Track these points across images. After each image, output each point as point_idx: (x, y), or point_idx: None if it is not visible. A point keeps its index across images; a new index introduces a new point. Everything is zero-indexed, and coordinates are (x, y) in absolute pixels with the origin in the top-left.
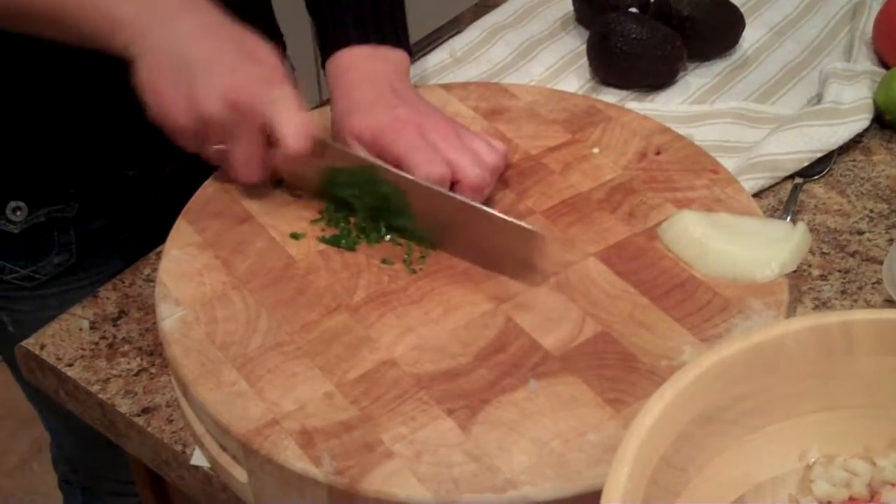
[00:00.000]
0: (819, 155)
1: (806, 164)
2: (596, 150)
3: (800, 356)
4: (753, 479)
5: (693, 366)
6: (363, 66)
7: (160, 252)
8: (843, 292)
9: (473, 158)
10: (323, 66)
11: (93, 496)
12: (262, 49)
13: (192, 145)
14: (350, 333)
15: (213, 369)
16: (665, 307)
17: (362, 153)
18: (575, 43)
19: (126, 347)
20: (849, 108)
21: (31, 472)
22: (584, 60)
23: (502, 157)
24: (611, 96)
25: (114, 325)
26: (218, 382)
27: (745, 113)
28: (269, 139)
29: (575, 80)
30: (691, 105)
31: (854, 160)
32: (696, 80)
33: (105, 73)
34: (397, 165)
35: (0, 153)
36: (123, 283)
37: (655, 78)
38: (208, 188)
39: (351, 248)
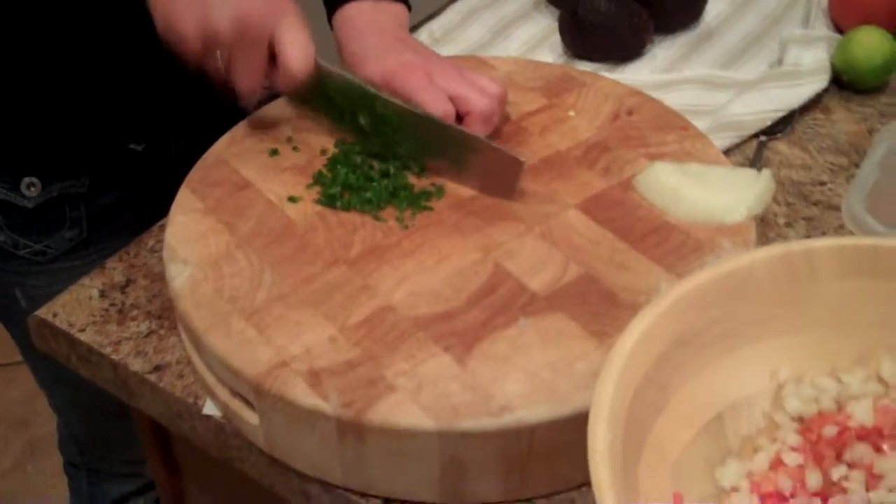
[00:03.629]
0: (781, 114)
1: (769, 122)
2: (572, 114)
3: (768, 282)
4: (729, 397)
5: (670, 292)
6: (368, 16)
7: (163, 225)
8: (807, 237)
9: (480, 91)
10: (329, 21)
11: (98, 478)
12: None
13: (196, 56)
14: (349, 284)
15: (223, 320)
16: (642, 249)
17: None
18: (547, 21)
19: (135, 312)
20: (808, 70)
21: (25, 474)
22: (557, 37)
23: (504, 90)
24: (584, 69)
25: (122, 293)
26: (228, 331)
27: (711, 79)
28: (273, 59)
29: (549, 55)
30: (660, 74)
31: (815, 118)
32: (663, 51)
33: (113, 46)
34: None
35: (15, 129)
36: (129, 254)
37: (624, 50)
38: (208, 159)
39: (346, 209)
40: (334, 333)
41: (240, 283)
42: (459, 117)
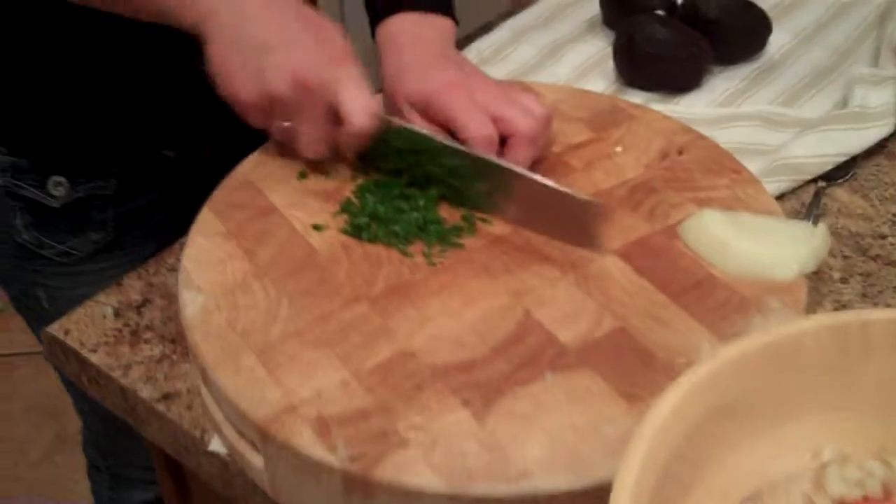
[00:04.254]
0: (843, 159)
1: (830, 167)
2: (619, 149)
3: (817, 354)
4: (767, 475)
5: (710, 359)
6: (412, 30)
7: (184, 242)
8: (863, 295)
9: (524, 111)
10: (372, 34)
11: (119, 483)
12: (328, 27)
13: (258, 122)
14: (369, 324)
15: (233, 355)
16: (683, 304)
17: (422, 128)
18: (601, 45)
19: (149, 335)
20: (874, 113)
21: (55, 465)
22: (610, 62)
23: (550, 112)
24: (636, 98)
25: (137, 313)
26: (237, 368)
27: (770, 116)
28: (335, 117)
29: (600, 82)
30: (716, 108)
31: (878, 164)
32: (722, 83)
33: (152, 53)
34: (448, 126)
35: (46, 127)
36: (148, 272)
37: (680, 80)
38: (233, 180)
39: (372, 241)
40: (348, 377)
41: (255, 315)
42: (502, 140)
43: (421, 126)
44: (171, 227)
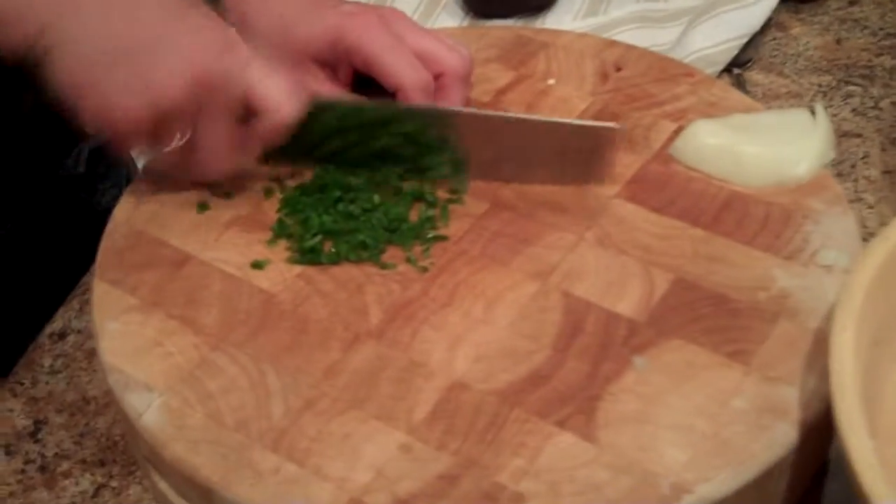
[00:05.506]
0: (745, 39)
1: (737, 51)
2: (552, 82)
3: None
4: None
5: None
6: None
7: (52, 334)
8: (838, 174)
9: (448, 46)
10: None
11: None
12: (203, 12)
13: (143, 144)
14: (390, 364)
15: (242, 459)
16: (725, 233)
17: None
18: None
19: (65, 465)
20: None
21: None
22: None
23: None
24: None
25: (35, 441)
26: (257, 474)
27: (646, 14)
28: (245, 114)
29: (449, 19)
30: (586, 19)
31: (775, 38)
32: None
33: None
34: (367, 69)
35: None
36: (23, 384)
37: None
38: (115, 235)
39: (335, 262)
40: (404, 439)
41: (239, 398)
42: None
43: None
44: None
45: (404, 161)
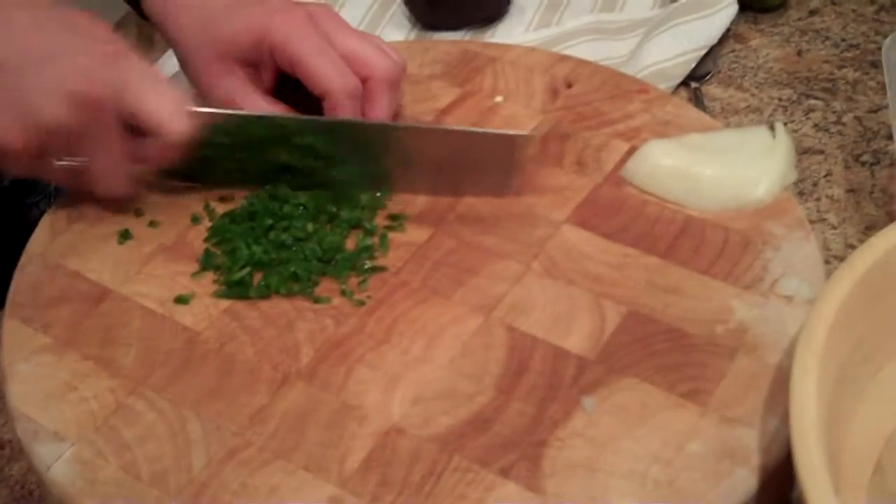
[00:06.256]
0: (703, 52)
1: (694, 64)
2: (499, 99)
3: None
4: None
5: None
6: None
7: None
8: (800, 193)
9: (378, 49)
10: (140, 14)
11: None
12: (85, 19)
13: (29, 170)
14: (322, 407)
15: None
16: (681, 261)
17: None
18: None
19: None
20: None
21: None
22: (398, 7)
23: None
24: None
25: None
26: None
27: (601, 26)
28: (135, 131)
29: (395, 32)
30: (539, 30)
31: (734, 50)
32: (529, 1)
33: None
34: (292, 71)
35: None
36: None
37: (486, 8)
38: (29, 268)
39: (264, 296)
40: (335, 491)
41: (157, 448)
42: None
43: (256, 99)
44: None
45: (311, 175)
